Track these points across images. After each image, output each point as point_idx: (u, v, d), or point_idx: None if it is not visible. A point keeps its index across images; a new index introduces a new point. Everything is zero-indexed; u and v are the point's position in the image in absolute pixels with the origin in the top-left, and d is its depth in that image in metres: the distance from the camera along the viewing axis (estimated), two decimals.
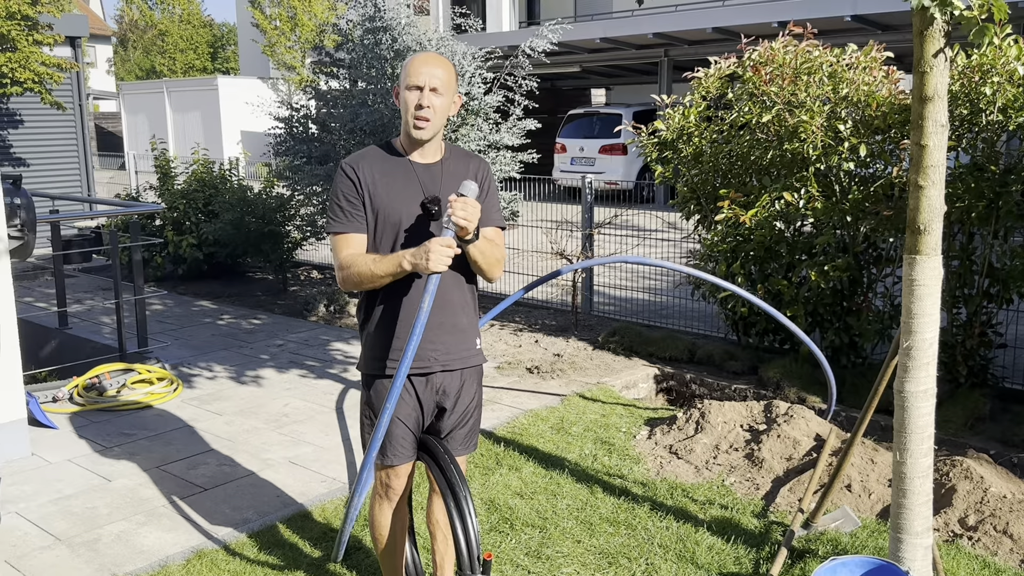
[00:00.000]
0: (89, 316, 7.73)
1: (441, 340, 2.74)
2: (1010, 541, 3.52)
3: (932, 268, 2.79)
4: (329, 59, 7.79)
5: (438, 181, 2.70)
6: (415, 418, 2.81)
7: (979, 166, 4.76)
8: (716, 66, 5.82)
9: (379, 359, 2.75)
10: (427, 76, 2.60)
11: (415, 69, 2.61)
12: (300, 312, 7.79)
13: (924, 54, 2.62)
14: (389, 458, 2.80)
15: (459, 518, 2.62)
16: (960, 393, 5.02)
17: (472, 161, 2.81)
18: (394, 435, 2.78)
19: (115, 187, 17.47)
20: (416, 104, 2.60)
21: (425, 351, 2.71)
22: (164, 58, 40.69)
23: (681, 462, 4.43)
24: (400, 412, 2.77)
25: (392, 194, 2.66)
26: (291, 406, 5.30)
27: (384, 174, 2.68)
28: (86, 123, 12.24)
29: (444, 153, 2.77)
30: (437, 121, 2.64)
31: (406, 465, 2.84)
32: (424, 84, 2.60)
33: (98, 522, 3.80)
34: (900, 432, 2.93)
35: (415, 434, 2.83)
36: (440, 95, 2.62)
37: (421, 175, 2.70)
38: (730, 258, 5.67)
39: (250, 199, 8.63)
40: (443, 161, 2.74)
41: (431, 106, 2.60)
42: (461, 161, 2.79)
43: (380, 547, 2.95)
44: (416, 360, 2.67)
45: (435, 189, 2.68)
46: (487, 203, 2.75)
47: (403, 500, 2.91)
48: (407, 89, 2.62)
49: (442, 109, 2.64)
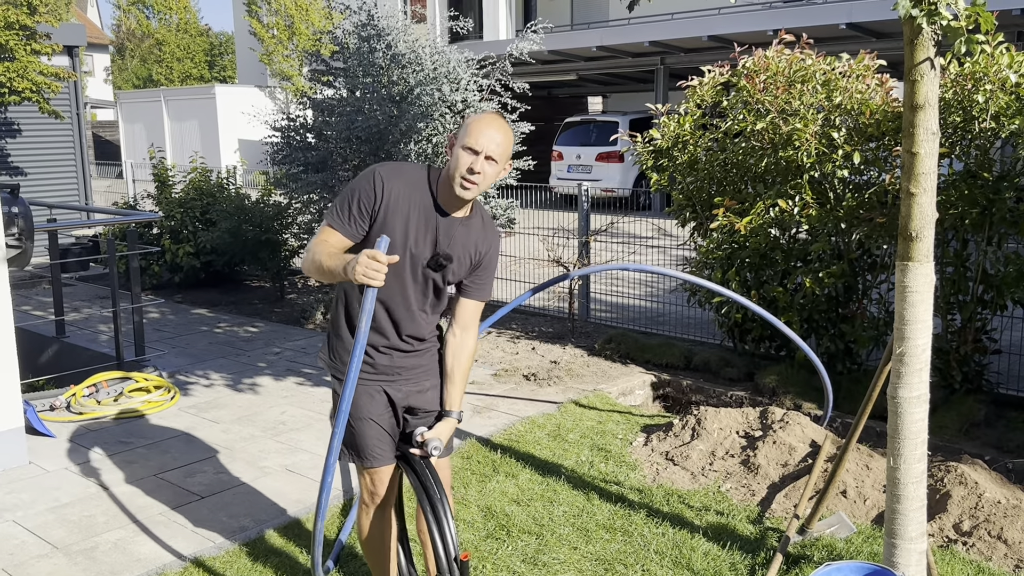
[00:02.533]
0: (86, 324, 7.73)
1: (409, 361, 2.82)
2: (1004, 546, 3.54)
3: (924, 275, 2.81)
4: (325, 67, 7.82)
5: (452, 236, 2.70)
6: (389, 419, 2.83)
7: (972, 173, 4.79)
8: (710, 75, 5.85)
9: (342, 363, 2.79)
10: (487, 142, 2.58)
11: (477, 131, 2.59)
12: (297, 320, 7.80)
13: (914, 63, 2.65)
14: (368, 461, 2.82)
15: (435, 521, 2.59)
16: (955, 399, 5.04)
17: (489, 234, 2.80)
18: (371, 437, 2.80)
19: (112, 195, 17.50)
20: (468, 168, 2.58)
21: (393, 367, 2.80)
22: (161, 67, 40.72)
23: (677, 468, 4.44)
24: (374, 413, 2.79)
25: (407, 227, 2.65)
26: (288, 414, 5.31)
27: (410, 204, 2.65)
28: (83, 132, 12.26)
29: (470, 213, 2.75)
30: (484, 186, 2.63)
31: (387, 468, 2.85)
32: (482, 150, 2.58)
33: (95, 530, 3.80)
34: (894, 438, 2.95)
35: (392, 436, 2.84)
36: (494, 163, 2.62)
37: (441, 225, 2.69)
38: (725, 265, 5.70)
39: (247, 207, 8.64)
40: (465, 220, 2.73)
41: (483, 172, 2.59)
42: (480, 228, 2.77)
43: (368, 554, 2.96)
44: (384, 374, 2.79)
45: (446, 243, 2.70)
46: (479, 275, 2.80)
47: (389, 505, 2.92)
48: (464, 149, 2.59)
49: (491, 176, 2.63)
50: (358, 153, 7.48)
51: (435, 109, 7.15)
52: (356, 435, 2.80)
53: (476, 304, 2.84)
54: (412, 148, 7.18)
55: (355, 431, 2.80)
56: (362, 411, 2.79)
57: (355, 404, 2.76)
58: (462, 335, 2.85)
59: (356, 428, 2.80)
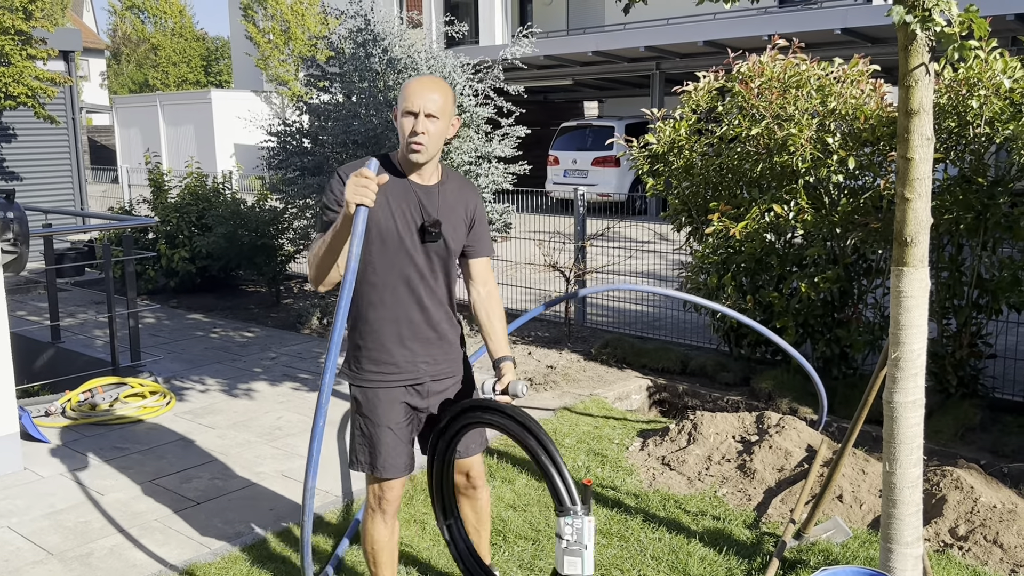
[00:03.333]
0: (82, 330, 7.72)
1: (430, 353, 2.82)
2: (1000, 551, 3.54)
3: (919, 280, 2.81)
4: (321, 72, 7.82)
5: (435, 203, 2.74)
6: (409, 430, 2.84)
7: (967, 178, 4.80)
8: (705, 80, 5.87)
9: (371, 371, 2.80)
10: (423, 101, 2.61)
11: (411, 94, 2.62)
12: (293, 325, 7.79)
13: (909, 68, 2.66)
14: (381, 470, 2.81)
15: (546, 454, 2.49)
16: (951, 403, 5.05)
17: (469, 191, 2.87)
18: (388, 446, 2.79)
19: (108, 200, 17.48)
20: (411, 130, 2.62)
21: (415, 364, 2.79)
22: (157, 71, 40.69)
23: (674, 473, 4.44)
24: (393, 422, 2.79)
25: (386, 207, 2.69)
26: (284, 419, 5.30)
27: (382, 189, 2.67)
28: (79, 137, 12.24)
29: (441, 176, 2.80)
30: (433, 146, 2.66)
31: (405, 477, 2.86)
32: (419, 110, 2.61)
33: (91, 536, 3.79)
34: (889, 442, 2.95)
35: (409, 446, 2.85)
36: (436, 119, 2.64)
37: (421, 196, 2.73)
38: (721, 270, 5.71)
39: (243, 212, 8.64)
40: (440, 184, 2.78)
41: (426, 132, 2.62)
42: (458, 188, 2.83)
43: (372, 562, 2.96)
44: (406, 372, 2.78)
45: (433, 211, 2.73)
46: (477, 232, 2.85)
47: (395, 513, 2.92)
48: (403, 115, 2.64)
49: (438, 134, 2.66)
50: (354, 158, 7.48)
51: None
52: (371, 442, 2.80)
53: (485, 260, 2.92)
54: None
55: (371, 438, 2.80)
56: (381, 418, 2.79)
57: (374, 410, 2.79)
58: (484, 288, 2.92)
59: (372, 435, 2.80)
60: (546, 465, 2.48)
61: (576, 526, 2.38)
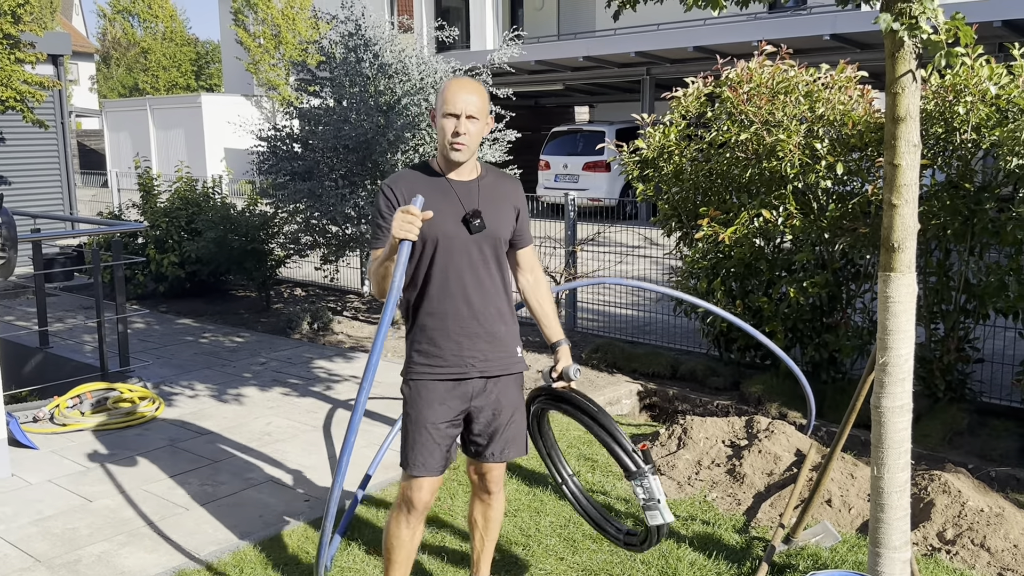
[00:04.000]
0: (70, 335, 7.69)
1: (478, 348, 2.85)
2: (987, 554, 3.56)
3: (906, 285, 2.83)
4: (311, 77, 7.82)
5: (475, 196, 2.84)
6: (446, 425, 2.85)
7: (954, 184, 4.83)
8: (694, 86, 5.89)
9: (420, 363, 2.85)
10: (463, 103, 2.73)
11: (451, 96, 2.74)
12: (283, 330, 7.78)
13: (896, 75, 2.67)
14: (414, 468, 2.83)
15: (604, 429, 2.76)
16: (939, 408, 5.08)
17: (509, 182, 2.98)
18: (420, 443, 2.82)
19: (97, 205, 17.42)
20: (453, 131, 2.74)
21: (462, 357, 2.83)
22: (147, 76, 40.56)
23: (664, 478, 4.45)
24: (431, 420, 2.82)
25: (431, 211, 2.73)
26: (274, 425, 5.29)
27: (425, 191, 2.77)
28: (68, 141, 12.20)
29: (480, 172, 2.90)
30: (473, 145, 2.79)
31: (430, 480, 2.86)
32: (461, 112, 2.73)
33: (79, 543, 3.77)
34: (877, 447, 2.96)
35: (446, 445, 2.86)
36: (475, 120, 2.76)
37: (459, 191, 2.83)
38: (711, 275, 5.73)
39: (233, 217, 8.62)
40: (480, 179, 2.89)
41: (467, 132, 2.75)
42: (497, 180, 2.95)
43: (390, 563, 2.96)
44: (453, 366, 2.83)
45: (473, 203, 2.82)
46: (522, 223, 2.98)
47: (423, 514, 2.93)
48: (444, 116, 2.75)
49: (477, 133, 2.79)
50: (345, 162, 7.48)
51: (422, 119, 7.17)
52: (407, 436, 2.85)
53: (530, 249, 3.05)
54: (399, 158, 7.19)
55: (408, 432, 2.85)
56: (420, 413, 2.83)
57: (415, 404, 2.84)
58: (532, 275, 3.06)
59: (410, 429, 2.85)
60: (607, 440, 2.74)
61: (646, 485, 2.68)
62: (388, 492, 4.27)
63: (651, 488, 2.66)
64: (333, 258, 7.93)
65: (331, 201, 7.19)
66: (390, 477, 4.41)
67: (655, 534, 2.80)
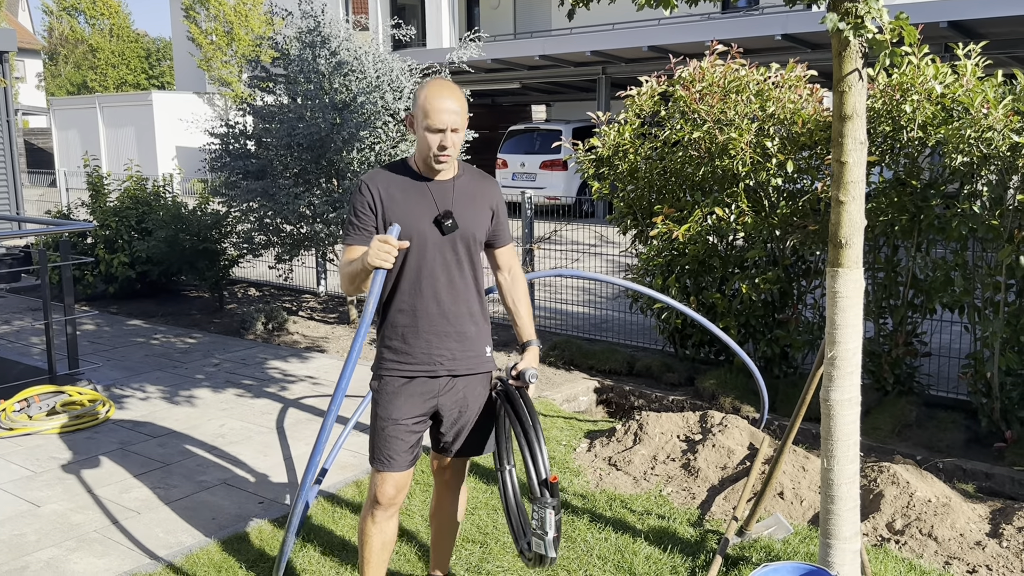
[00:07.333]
0: (17, 337, 7.51)
1: (447, 346, 2.84)
2: (935, 543, 3.64)
3: (854, 280, 2.88)
4: (265, 74, 7.73)
5: (449, 196, 2.82)
6: (413, 421, 2.84)
7: (901, 181, 4.93)
8: (648, 85, 5.93)
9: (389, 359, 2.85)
10: (448, 118, 2.69)
11: (435, 111, 2.68)
12: (237, 331, 7.68)
13: (842, 74, 2.72)
14: (380, 463, 2.83)
15: (527, 446, 2.66)
16: (888, 401, 5.18)
17: (485, 182, 2.97)
18: (390, 440, 2.82)
19: (45, 204, 17.04)
20: (439, 146, 2.72)
21: (431, 355, 2.83)
22: (96, 73, 39.79)
23: (620, 473, 4.48)
24: (398, 415, 2.82)
25: (406, 211, 2.76)
26: (227, 427, 5.22)
27: (401, 191, 2.78)
28: (14, 139, 11.92)
29: (457, 171, 2.89)
30: (455, 153, 2.78)
31: (400, 474, 2.86)
32: (446, 127, 2.70)
33: (26, 549, 3.69)
34: (827, 439, 3.02)
35: (412, 442, 2.85)
36: (458, 131, 2.75)
37: (435, 192, 2.81)
38: (665, 272, 5.78)
39: (184, 216, 8.49)
40: (456, 179, 2.87)
41: (452, 144, 2.73)
42: (474, 180, 2.93)
43: (361, 560, 2.95)
44: (422, 363, 2.82)
45: (447, 204, 2.81)
46: (501, 222, 2.97)
47: (395, 511, 2.92)
48: (427, 131, 2.71)
49: (460, 140, 2.78)
50: (299, 161, 7.41)
51: (378, 118, 7.13)
52: (375, 432, 2.85)
53: (509, 248, 3.04)
54: (355, 156, 7.13)
55: (376, 428, 2.84)
56: (388, 409, 2.83)
57: (383, 398, 2.84)
58: (509, 274, 3.05)
59: (377, 425, 2.84)
60: (526, 456, 2.66)
61: (542, 515, 2.63)
62: (344, 492, 4.24)
63: (545, 520, 2.63)
64: (287, 257, 7.84)
65: (285, 200, 7.12)
66: (346, 478, 4.38)
67: (537, 561, 2.76)
